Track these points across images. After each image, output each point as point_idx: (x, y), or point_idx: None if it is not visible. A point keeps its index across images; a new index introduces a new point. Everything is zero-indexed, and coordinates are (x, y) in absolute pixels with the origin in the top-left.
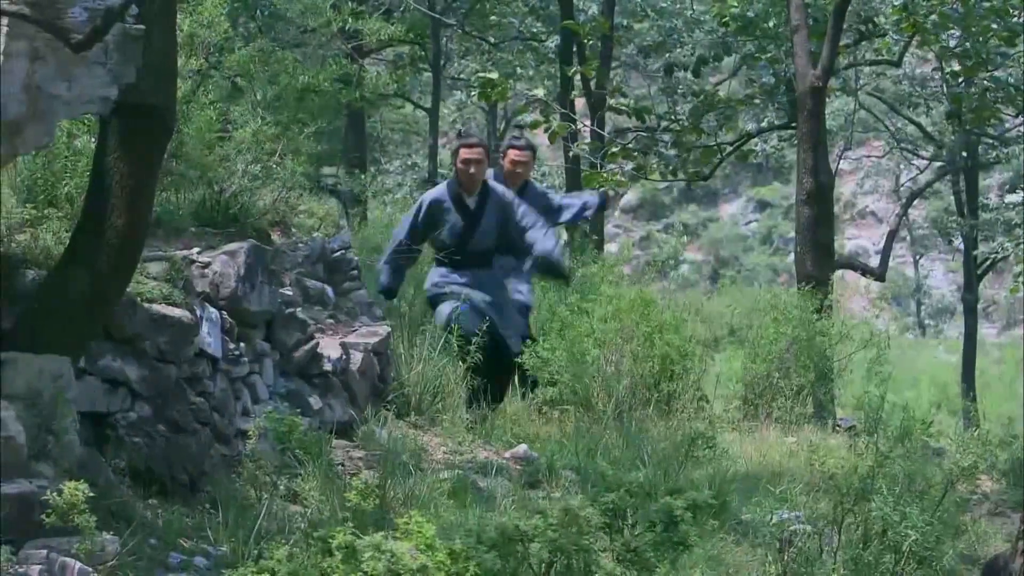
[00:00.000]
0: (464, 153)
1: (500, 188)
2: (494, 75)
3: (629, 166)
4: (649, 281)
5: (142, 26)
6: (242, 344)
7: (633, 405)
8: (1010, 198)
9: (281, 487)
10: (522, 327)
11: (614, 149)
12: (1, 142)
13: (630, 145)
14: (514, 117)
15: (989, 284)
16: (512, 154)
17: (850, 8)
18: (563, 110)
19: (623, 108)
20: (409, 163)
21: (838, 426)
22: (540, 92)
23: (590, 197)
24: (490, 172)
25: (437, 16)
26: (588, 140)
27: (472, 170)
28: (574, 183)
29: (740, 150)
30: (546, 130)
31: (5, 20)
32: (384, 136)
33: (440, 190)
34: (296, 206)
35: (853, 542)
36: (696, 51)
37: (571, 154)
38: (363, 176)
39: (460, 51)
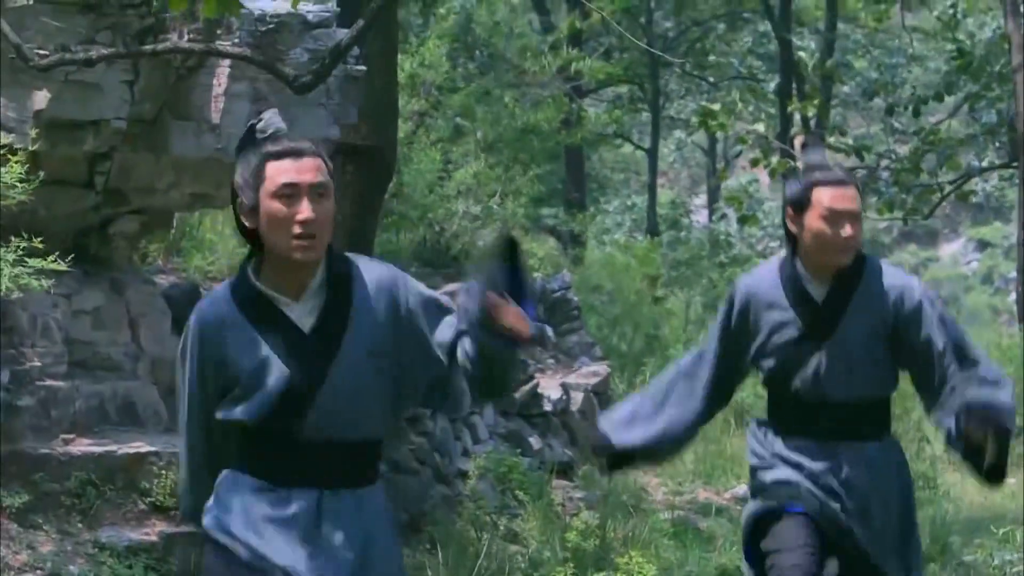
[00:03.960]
0: (826, 195)
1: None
2: (716, 106)
3: None
4: None
5: (363, 67)
6: None
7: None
8: None
9: (501, 527)
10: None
11: None
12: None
13: None
14: (734, 156)
15: None
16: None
17: None
18: (783, 146)
19: (843, 147)
20: (628, 203)
21: None
22: (760, 127)
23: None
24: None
25: (658, 53)
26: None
27: (842, 233)
28: None
29: (960, 190)
30: (766, 167)
31: (228, 62)
32: (603, 176)
33: (766, 271)
34: None
35: None
36: (916, 90)
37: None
38: (582, 216)
39: (680, 91)
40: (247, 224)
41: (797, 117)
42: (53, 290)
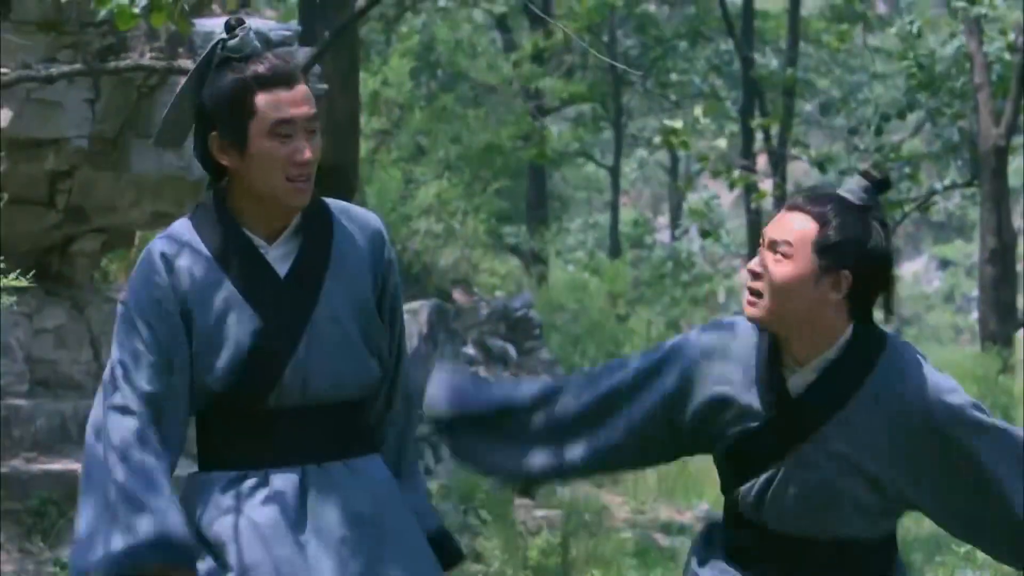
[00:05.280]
0: None
1: None
2: (678, 123)
3: None
4: None
5: (325, 85)
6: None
7: None
8: None
9: (463, 546)
10: None
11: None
12: (189, 202)
13: None
14: (697, 173)
15: None
16: None
17: None
18: (744, 162)
19: (806, 156)
20: (591, 222)
21: None
22: (722, 143)
23: None
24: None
25: (621, 67)
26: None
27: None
28: (754, 236)
29: (923, 207)
30: (728, 183)
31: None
32: (566, 194)
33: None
34: (478, 265)
35: None
36: (878, 107)
37: (752, 207)
38: (545, 233)
39: (642, 109)
40: (221, 160)
41: (759, 135)
42: (14, 309)
